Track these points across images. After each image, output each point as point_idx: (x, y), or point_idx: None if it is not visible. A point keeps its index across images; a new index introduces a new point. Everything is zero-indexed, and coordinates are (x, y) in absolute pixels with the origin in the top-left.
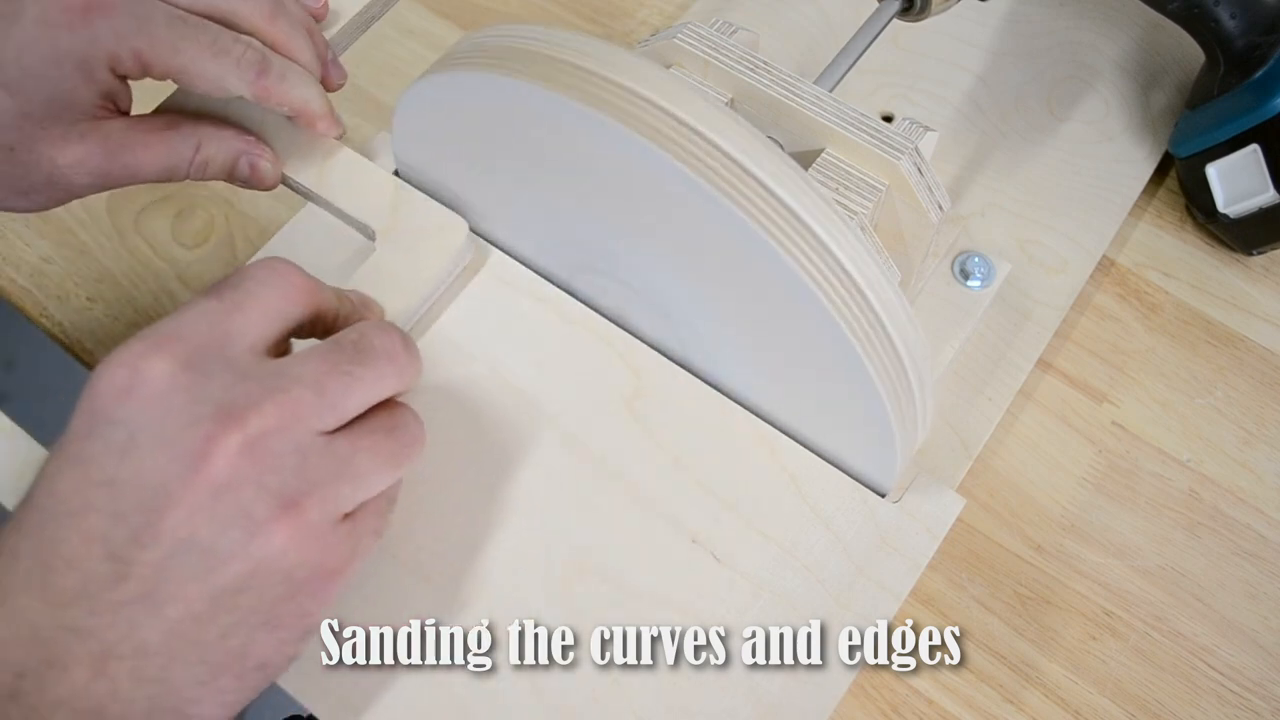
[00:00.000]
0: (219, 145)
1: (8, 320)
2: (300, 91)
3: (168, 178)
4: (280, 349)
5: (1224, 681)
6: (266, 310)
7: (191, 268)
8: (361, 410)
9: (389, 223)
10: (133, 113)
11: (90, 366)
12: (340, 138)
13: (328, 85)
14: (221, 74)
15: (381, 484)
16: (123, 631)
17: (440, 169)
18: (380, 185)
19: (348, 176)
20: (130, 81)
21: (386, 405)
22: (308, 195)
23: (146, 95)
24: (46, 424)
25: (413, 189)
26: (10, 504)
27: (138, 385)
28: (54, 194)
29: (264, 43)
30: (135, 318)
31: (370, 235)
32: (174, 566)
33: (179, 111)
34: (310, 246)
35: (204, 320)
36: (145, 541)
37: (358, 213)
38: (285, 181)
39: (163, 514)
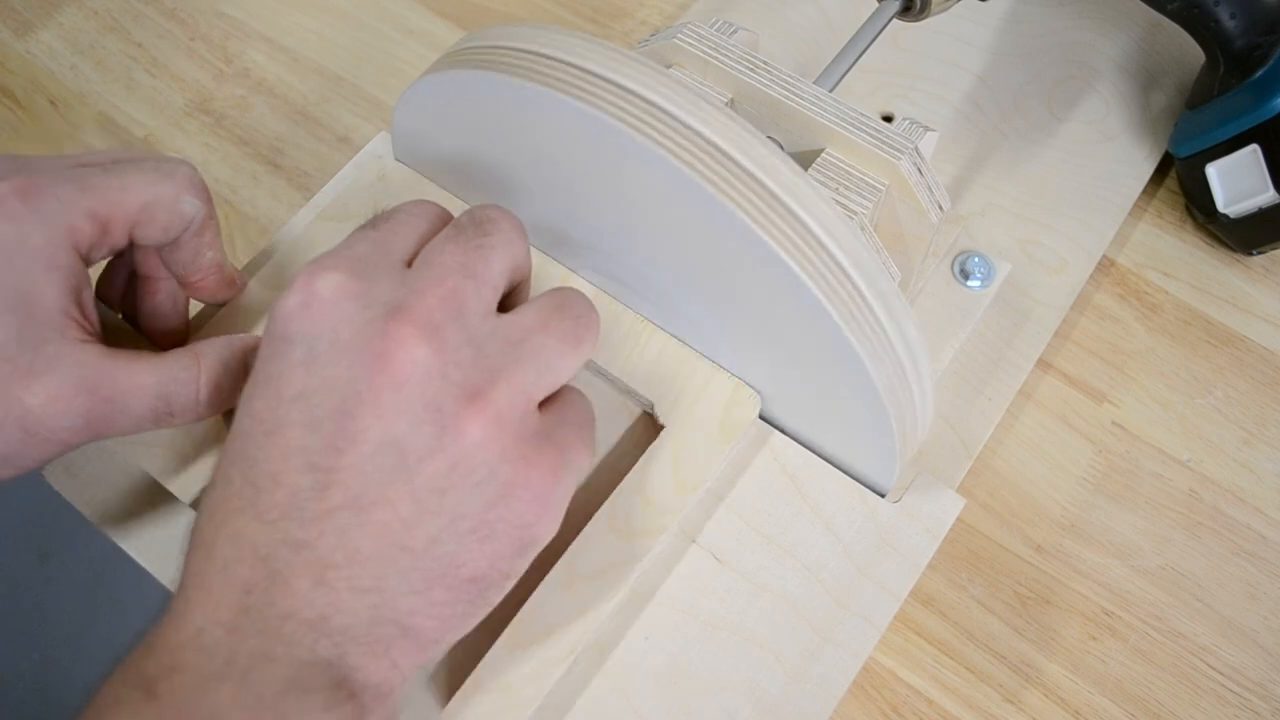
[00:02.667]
0: (221, 346)
1: None
2: (215, 255)
3: (167, 412)
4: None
5: (1224, 681)
6: (416, 232)
7: None
8: (505, 279)
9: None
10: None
11: None
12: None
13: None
14: (176, 192)
15: (566, 366)
16: (334, 541)
17: (440, 168)
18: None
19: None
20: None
21: (549, 290)
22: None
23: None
24: None
25: (694, 355)
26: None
27: (311, 300)
28: (22, 448)
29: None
30: None
31: (649, 407)
32: (373, 469)
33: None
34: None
35: (364, 242)
36: (341, 447)
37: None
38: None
39: (353, 417)
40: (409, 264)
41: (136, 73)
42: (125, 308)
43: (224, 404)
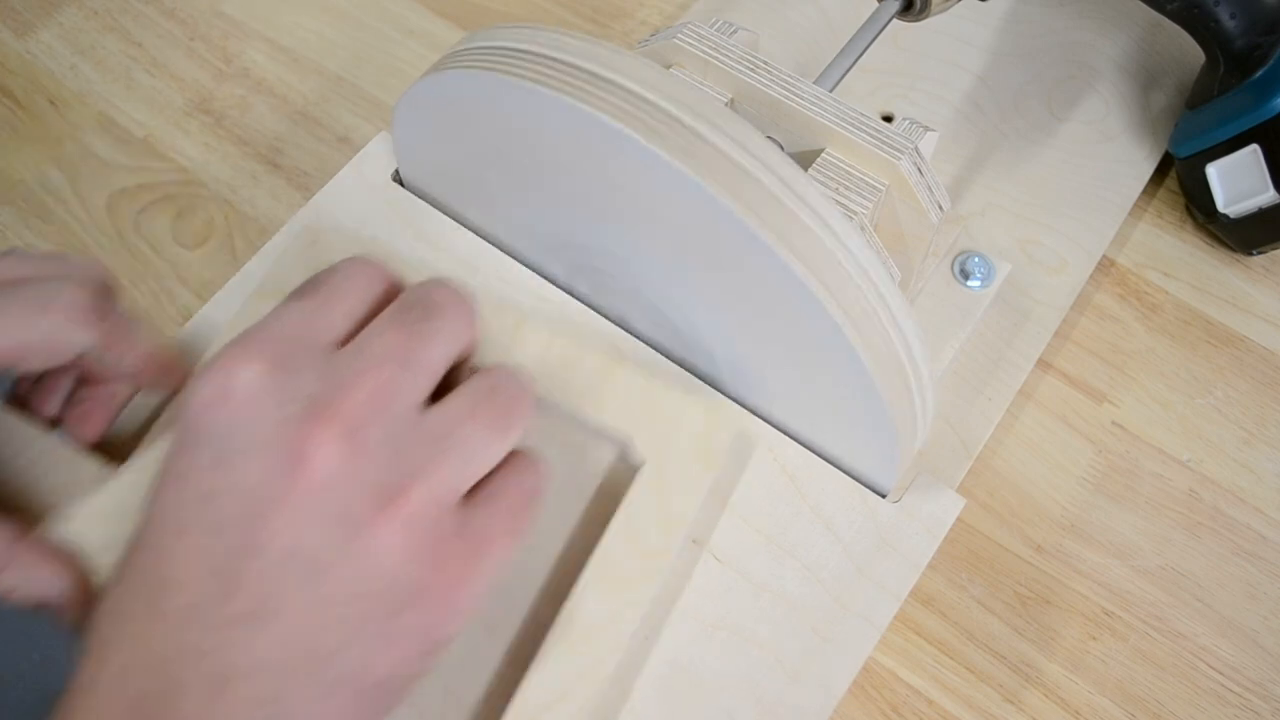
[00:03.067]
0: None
1: None
2: (147, 336)
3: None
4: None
5: (1224, 681)
6: (352, 306)
7: (191, 268)
8: (447, 364)
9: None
10: None
11: None
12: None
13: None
14: (50, 330)
15: (492, 454)
16: (237, 650)
17: (441, 169)
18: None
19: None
20: None
21: (481, 371)
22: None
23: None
24: None
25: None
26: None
27: (228, 393)
28: None
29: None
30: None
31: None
32: (280, 577)
33: None
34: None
35: (292, 319)
36: (248, 553)
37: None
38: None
39: (262, 522)
40: (342, 343)
41: (136, 73)
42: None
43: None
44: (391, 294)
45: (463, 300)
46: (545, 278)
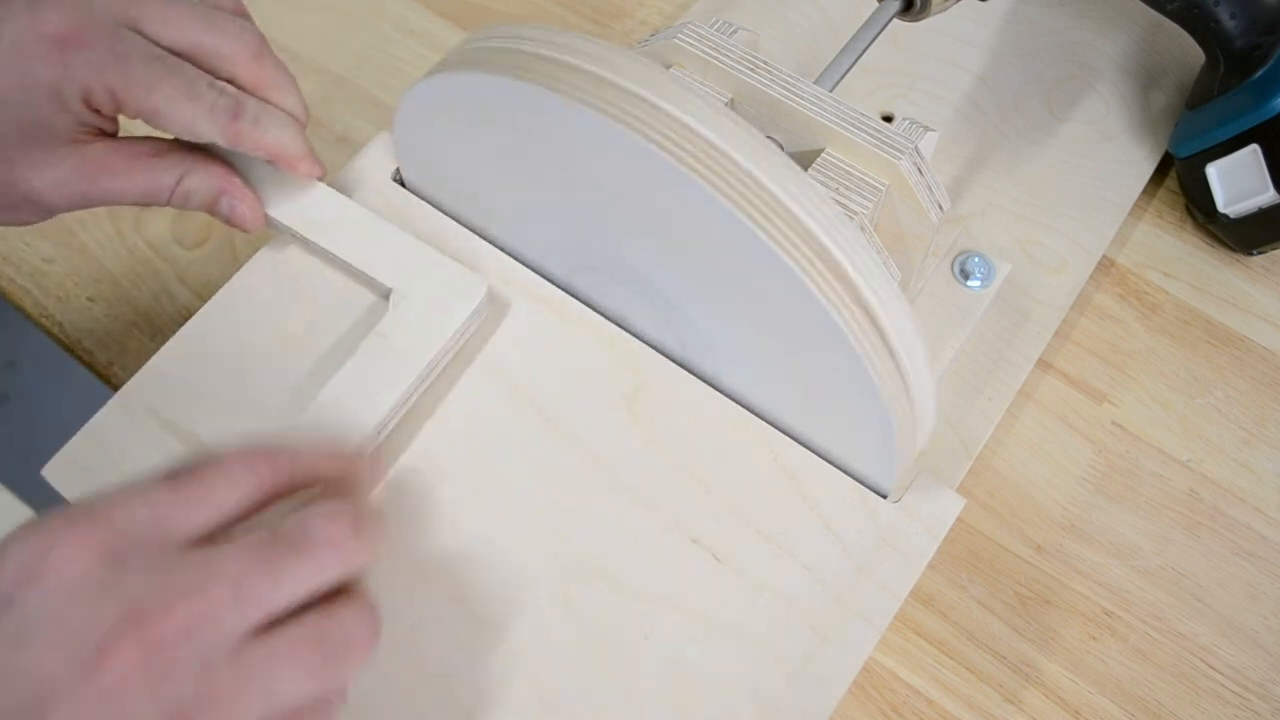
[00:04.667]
0: (203, 179)
1: (8, 320)
2: (275, 134)
3: (149, 202)
4: (221, 536)
5: (1224, 681)
6: (221, 504)
7: (191, 268)
8: (294, 604)
9: (405, 282)
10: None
11: (90, 367)
12: (322, 178)
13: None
14: (194, 118)
15: (298, 696)
16: None
17: (441, 169)
18: (397, 243)
19: (362, 232)
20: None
21: (330, 602)
22: (319, 252)
23: None
24: (47, 424)
25: (429, 248)
26: None
27: (46, 572)
28: (34, 212)
29: (247, 84)
30: (135, 318)
31: (385, 294)
32: None
33: (168, 140)
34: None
35: (143, 509)
36: None
37: (373, 270)
38: (294, 236)
39: (44, 714)
40: (199, 540)
41: None
42: None
43: (190, 207)
44: (281, 489)
45: (346, 540)
46: (545, 277)
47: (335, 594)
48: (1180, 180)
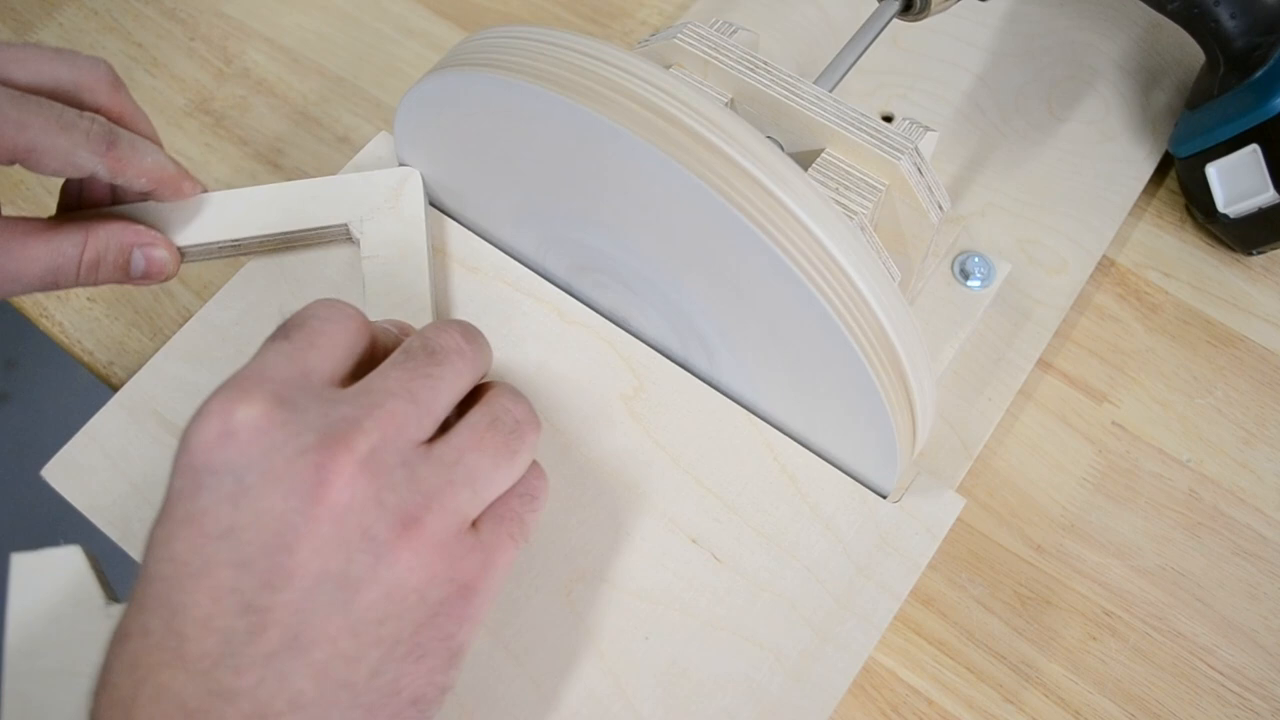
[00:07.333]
0: (108, 235)
1: (8, 320)
2: (154, 158)
3: (54, 283)
4: (351, 381)
5: (1224, 681)
6: (335, 344)
7: (191, 268)
8: (449, 409)
9: (350, 208)
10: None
11: (90, 367)
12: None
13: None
14: (71, 148)
15: (501, 481)
16: (273, 686)
17: (442, 169)
18: (318, 189)
19: (279, 202)
20: None
21: (480, 397)
22: (257, 248)
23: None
24: (47, 424)
25: (350, 175)
26: None
27: (233, 430)
28: None
29: (112, 114)
30: (135, 318)
31: (353, 237)
32: (312, 605)
33: (58, 216)
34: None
35: (280, 360)
36: (278, 584)
37: (316, 222)
38: (221, 249)
39: (290, 551)
40: (339, 382)
41: (136, 73)
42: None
43: (100, 280)
44: (364, 330)
45: (465, 345)
46: (545, 277)
47: (474, 397)
48: (1180, 180)
